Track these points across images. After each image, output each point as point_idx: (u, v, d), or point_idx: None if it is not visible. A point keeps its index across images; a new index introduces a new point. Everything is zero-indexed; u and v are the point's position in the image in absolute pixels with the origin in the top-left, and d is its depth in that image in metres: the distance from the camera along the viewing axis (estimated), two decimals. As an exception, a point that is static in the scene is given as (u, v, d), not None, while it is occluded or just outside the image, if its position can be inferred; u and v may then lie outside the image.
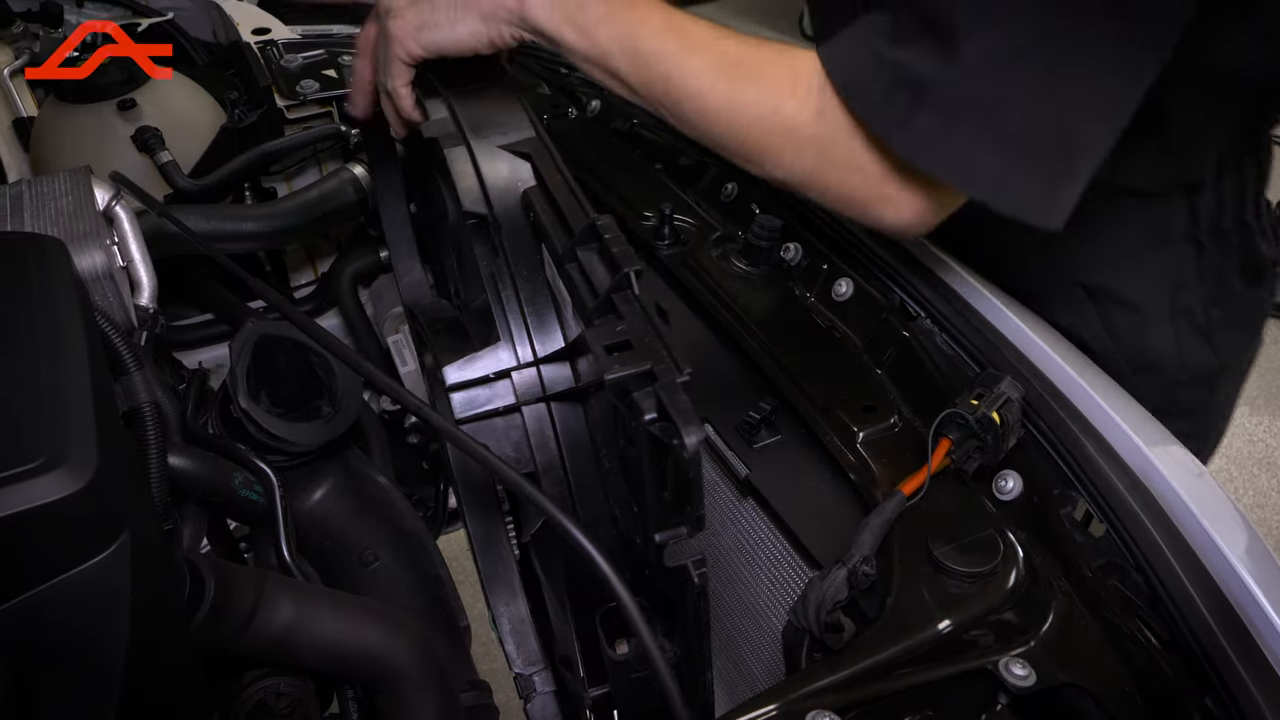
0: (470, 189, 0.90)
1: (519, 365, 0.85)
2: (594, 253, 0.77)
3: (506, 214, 0.87)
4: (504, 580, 1.02)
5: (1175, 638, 0.64)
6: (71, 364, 0.63)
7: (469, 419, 0.85)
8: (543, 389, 0.86)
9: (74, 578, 0.56)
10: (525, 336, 0.86)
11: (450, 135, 0.94)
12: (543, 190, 0.87)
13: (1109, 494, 0.71)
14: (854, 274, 0.95)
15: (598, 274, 0.75)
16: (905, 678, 0.62)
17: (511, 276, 0.86)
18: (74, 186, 1.01)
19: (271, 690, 0.83)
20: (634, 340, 0.67)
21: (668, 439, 0.62)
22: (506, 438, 0.87)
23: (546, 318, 0.86)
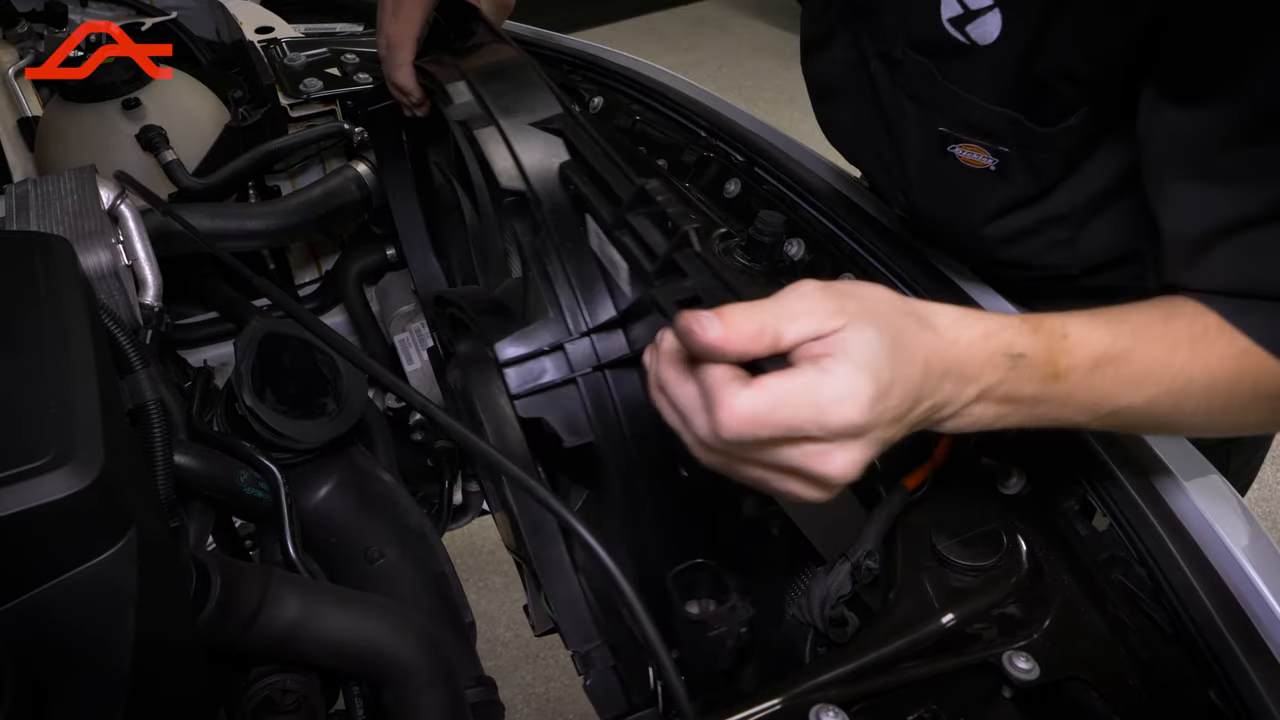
0: (506, 168, 0.90)
1: (572, 337, 0.86)
2: (645, 217, 0.77)
3: (545, 189, 0.87)
4: (555, 560, 1.01)
5: (1178, 630, 0.64)
6: (77, 362, 0.64)
7: (526, 393, 0.85)
8: (597, 358, 0.86)
9: (81, 575, 0.56)
10: (576, 307, 0.86)
11: (479, 116, 0.95)
12: (580, 163, 0.88)
13: (1112, 488, 0.71)
14: (857, 270, 0.95)
15: (653, 237, 0.75)
16: (909, 671, 0.62)
17: (556, 250, 0.86)
18: (79, 185, 1.01)
19: (277, 686, 0.84)
20: (703, 294, 0.67)
21: None
22: (562, 407, 0.87)
23: (595, 288, 0.86)
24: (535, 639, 2.47)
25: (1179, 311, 0.68)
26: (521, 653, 2.49)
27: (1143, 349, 0.66)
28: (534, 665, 2.48)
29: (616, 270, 0.84)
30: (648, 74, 1.35)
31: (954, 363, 0.60)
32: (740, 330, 0.55)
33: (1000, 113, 0.81)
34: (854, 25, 0.95)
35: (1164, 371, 0.66)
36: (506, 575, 2.62)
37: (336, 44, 1.56)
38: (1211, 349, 0.66)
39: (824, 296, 0.58)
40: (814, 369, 0.55)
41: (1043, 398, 0.64)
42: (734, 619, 0.73)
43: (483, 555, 2.69)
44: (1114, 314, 0.67)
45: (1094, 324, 0.65)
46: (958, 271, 0.91)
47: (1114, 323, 0.66)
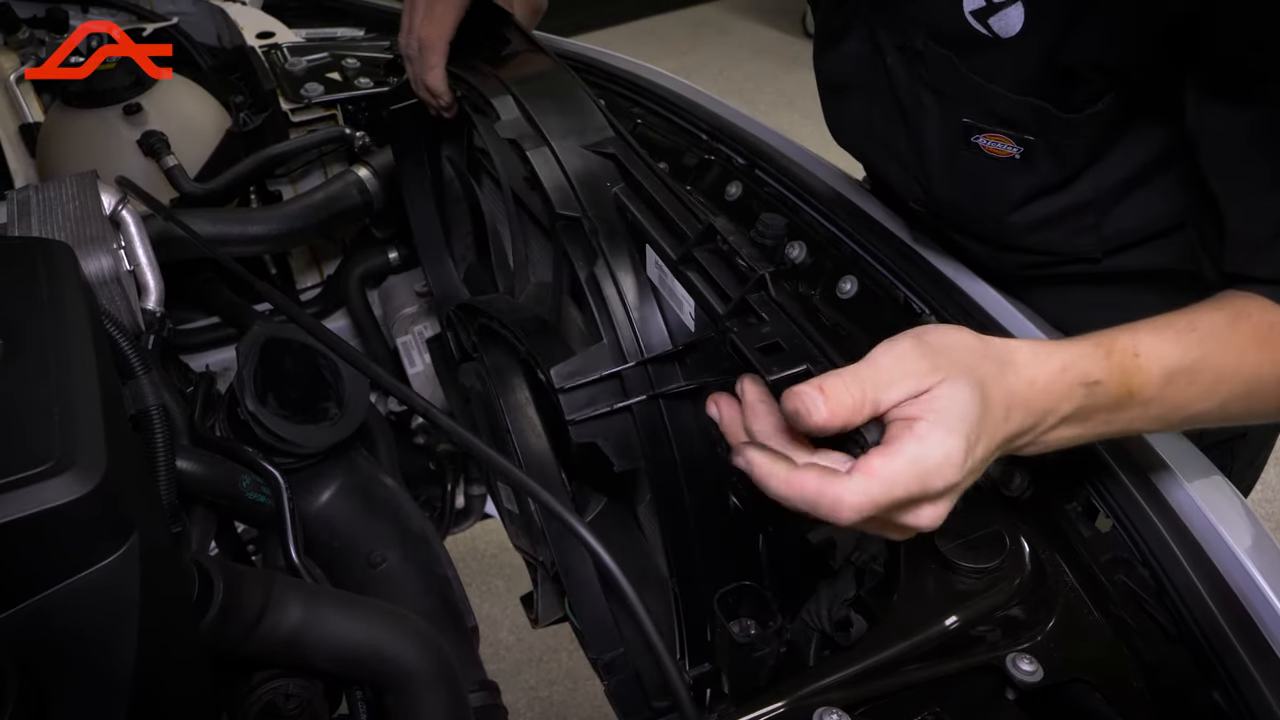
0: (561, 191, 0.90)
1: (628, 364, 0.87)
2: (714, 254, 0.78)
3: (601, 216, 0.88)
4: (579, 569, 1.02)
5: (1182, 632, 0.64)
6: (80, 367, 0.64)
7: (583, 421, 0.86)
8: (651, 386, 0.87)
9: (84, 580, 0.56)
10: (632, 335, 0.87)
11: (529, 136, 0.95)
12: (636, 190, 0.88)
13: (1115, 489, 0.71)
14: (858, 272, 0.95)
15: (724, 276, 0.76)
16: (913, 673, 0.62)
17: (614, 277, 0.87)
18: (81, 191, 1.02)
19: (280, 691, 0.83)
20: (783, 341, 0.69)
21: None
22: (616, 433, 0.89)
23: (651, 317, 0.87)
24: (538, 643, 2.48)
25: (1245, 311, 0.69)
26: (524, 656, 2.49)
27: (1214, 356, 0.67)
28: (537, 669, 2.47)
29: (679, 304, 0.85)
30: (648, 77, 1.35)
31: (1034, 401, 0.63)
32: (843, 404, 0.58)
33: (1025, 102, 0.82)
34: (871, 18, 0.95)
35: (1236, 376, 0.67)
36: (509, 579, 2.62)
37: (337, 49, 1.56)
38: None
39: (919, 356, 0.61)
40: (912, 439, 0.58)
41: (1118, 417, 0.66)
42: (778, 641, 0.75)
43: (485, 559, 2.69)
44: (1183, 323, 0.68)
45: (1163, 337, 0.67)
46: (958, 273, 0.91)
47: (1184, 332, 0.67)
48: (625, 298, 0.87)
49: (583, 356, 0.88)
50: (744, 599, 0.80)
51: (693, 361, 0.87)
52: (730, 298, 0.76)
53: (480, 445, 0.67)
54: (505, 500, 1.19)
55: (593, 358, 0.88)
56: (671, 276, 0.83)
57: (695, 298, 0.80)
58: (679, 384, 0.87)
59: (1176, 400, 0.66)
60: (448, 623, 1.06)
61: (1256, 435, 1.11)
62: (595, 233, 0.88)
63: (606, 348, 0.88)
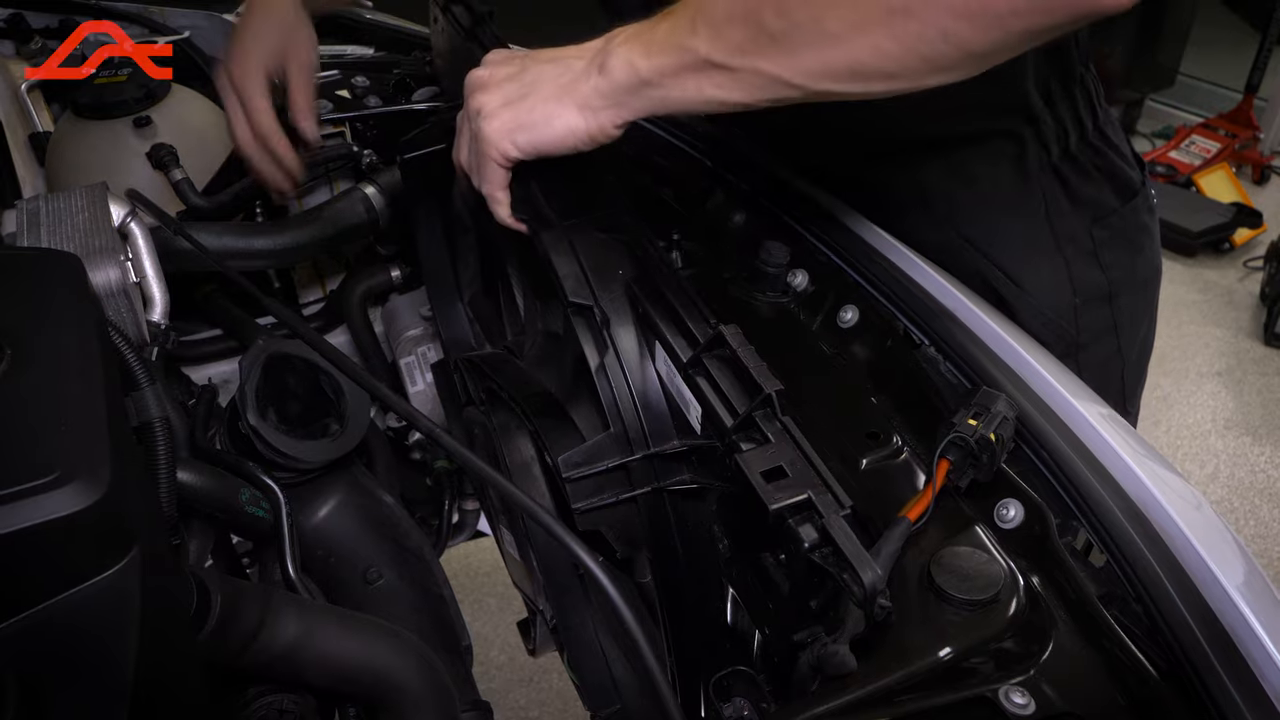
0: (572, 275, 0.91)
1: (634, 456, 0.88)
2: (722, 363, 0.81)
3: (613, 306, 0.90)
4: (579, 624, 1.05)
5: (1173, 668, 0.64)
6: (85, 379, 0.64)
7: (589, 510, 0.89)
8: (657, 478, 0.89)
9: (84, 592, 0.56)
10: (639, 426, 0.88)
11: (543, 219, 0.96)
12: (649, 285, 0.90)
13: (1109, 524, 0.71)
14: (859, 302, 0.96)
15: (732, 388, 0.79)
16: (906, 704, 0.62)
17: (624, 371, 0.89)
18: (90, 203, 1.02)
19: (275, 706, 0.84)
20: (787, 466, 0.72)
21: (831, 568, 0.67)
22: (620, 521, 0.91)
23: (659, 412, 0.89)
24: (529, 663, 2.47)
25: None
26: (515, 676, 2.49)
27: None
28: (528, 689, 2.47)
29: (686, 405, 0.87)
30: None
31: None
32: None
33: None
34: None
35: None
36: (501, 597, 2.62)
37: (347, 66, 1.58)
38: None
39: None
40: None
41: (696, 41, 0.79)
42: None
43: (479, 577, 2.69)
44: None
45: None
46: (957, 306, 0.92)
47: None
48: (634, 391, 0.89)
49: (590, 446, 0.89)
50: (738, 683, 0.83)
51: (697, 459, 0.89)
52: (737, 411, 0.78)
53: (481, 465, 0.67)
54: (508, 545, 1.20)
55: (600, 447, 0.89)
56: (679, 378, 0.85)
57: (702, 405, 0.82)
58: (684, 480, 0.89)
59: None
60: (442, 641, 1.06)
61: (1133, 285, 1.16)
62: (606, 323, 0.90)
63: (613, 437, 0.89)
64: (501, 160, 0.92)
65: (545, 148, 0.90)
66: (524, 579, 1.22)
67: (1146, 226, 1.17)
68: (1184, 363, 3.66)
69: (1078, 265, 1.11)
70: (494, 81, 0.92)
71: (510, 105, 0.90)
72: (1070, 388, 0.82)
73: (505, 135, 0.90)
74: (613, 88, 0.85)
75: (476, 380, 1.10)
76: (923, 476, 0.80)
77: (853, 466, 0.80)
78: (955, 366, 0.87)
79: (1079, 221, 1.11)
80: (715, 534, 0.91)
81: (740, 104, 0.83)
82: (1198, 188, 4.52)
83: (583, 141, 0.89)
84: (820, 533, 0.70)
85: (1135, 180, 1.16)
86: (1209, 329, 3.86)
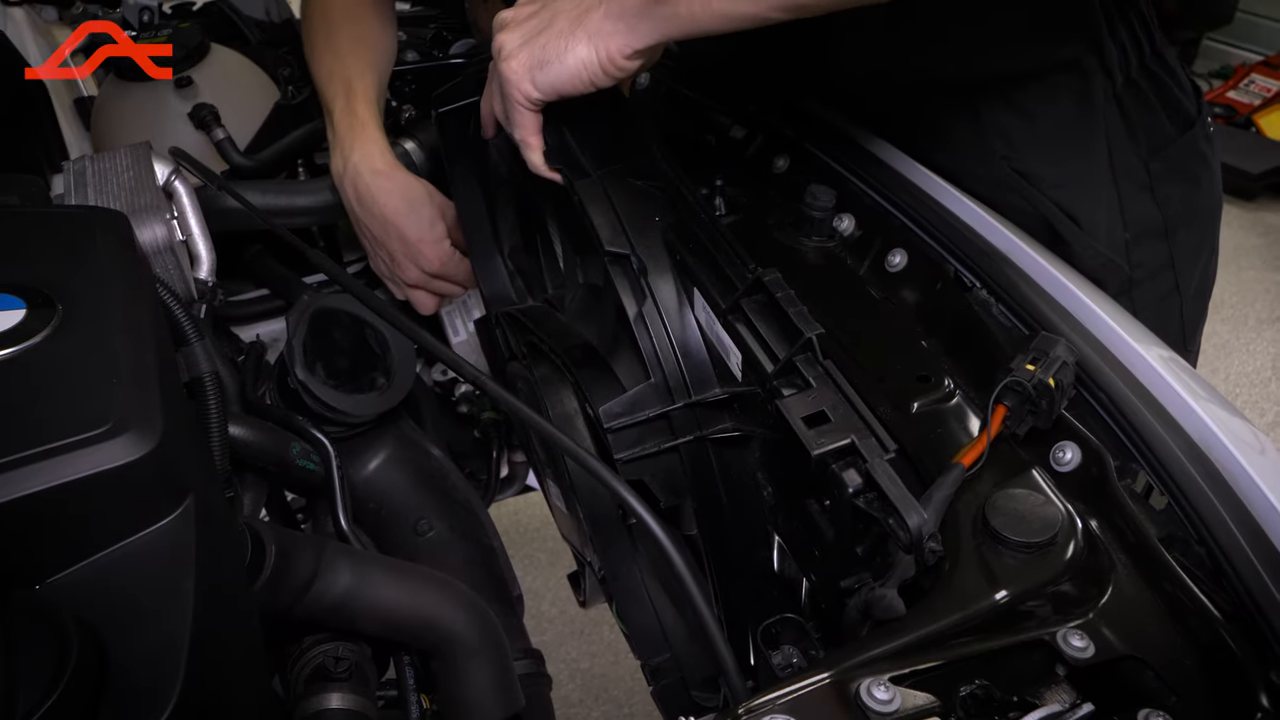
0: (608, 224, 0.90)
1: (675, 404, 0.88)
2: (761, 308, 0.80)
3: (650, 254, 0.89)
4: (627, 576, 1.05)
5: (1239, 610, 0.63)
6: (136, 333, 0.65)
7: (631, 460, 0.88)
8: (699, 427, 0.88)
9: (141, 541, 0.57)
10: (680, 375, 0.88)
11: (578, 167, 0.94)
12: (687, 232, 0.89)
13: (1171, 466, 0.69)
14: (908, 245, 0.94)
15: (772, 333, 0.78)
16: (961, 648, 0.61)
17: (663, 320, 0.88)
18: (135, 162, 1.03)
19: (330, 654, 0.85)
20: (829, 411, 0.72)
21: (876, 513, 0.67)
22: (664, 471, 0.91)
23: (700, 359, 0.89)
24: (580, 615, 2.50)
25: None
26: (567, 629, 2.52)
27: None
28: (579, 641, 2.50)
29: (726, 351, 0.86)
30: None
31: None
32: None
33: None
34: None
35: None
36: (552, 552, 2.64)
37: (385, 21, 1.56)
38: None
39: None
40: None
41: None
42: None
43: (529, 532, 2.71)
44: None
45: None
46: (1010, 247, 0.90)
47: None
48: (673, 339, 0.88)
49: (631, 396, 0.88)
50: (786, 630, 0.83)
51: (739, 407, 0.88)
52: (777, 356, 0.77)
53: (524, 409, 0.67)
54: (555, 498, 1.21)
55: (641, 397, 0.88)
56: (719, 324, 0.84)
57: (742, 351, 0.81)
58: (727, 427, 0.88)
59: None
60: (492, 591, 1.07)
61: (1191, 218, 1.13)
62: (644, 271, 0.88)
63: (654, 387, 0.88)
64: (524, 101, 0.90)
65: (561, 85, 0.88)
66: (571, 531, 1.22)
67: (1205, 157, 1.14)
68: (1243, 309, 3.57)
69: (1131, 200, 1.08)
70: (516, 21, 0.90)
71: (528, 43, 0.88)
72: (1128, 329, 0.80)
73: (524, 74, 0.88)
74: (621, 10, 0.83)
75: (518, 334, 1.10)
76: (977, 422, 0.79)
77: (904, 410, 0.79)
78: (1008, 309, 0.85)
79: (1136, 155, 1.07)
80: (759, 482, 0.90)
81: (750, 15, 0.79)
82: (1258, 128, 4.38)
83: (596, 75, 0.86)
84: (865, 477, 0.69)
85: (1192, 109, 1.12)
86: (1269, 274, 3.76)
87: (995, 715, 0.60)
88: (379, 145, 1.22)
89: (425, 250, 1.26)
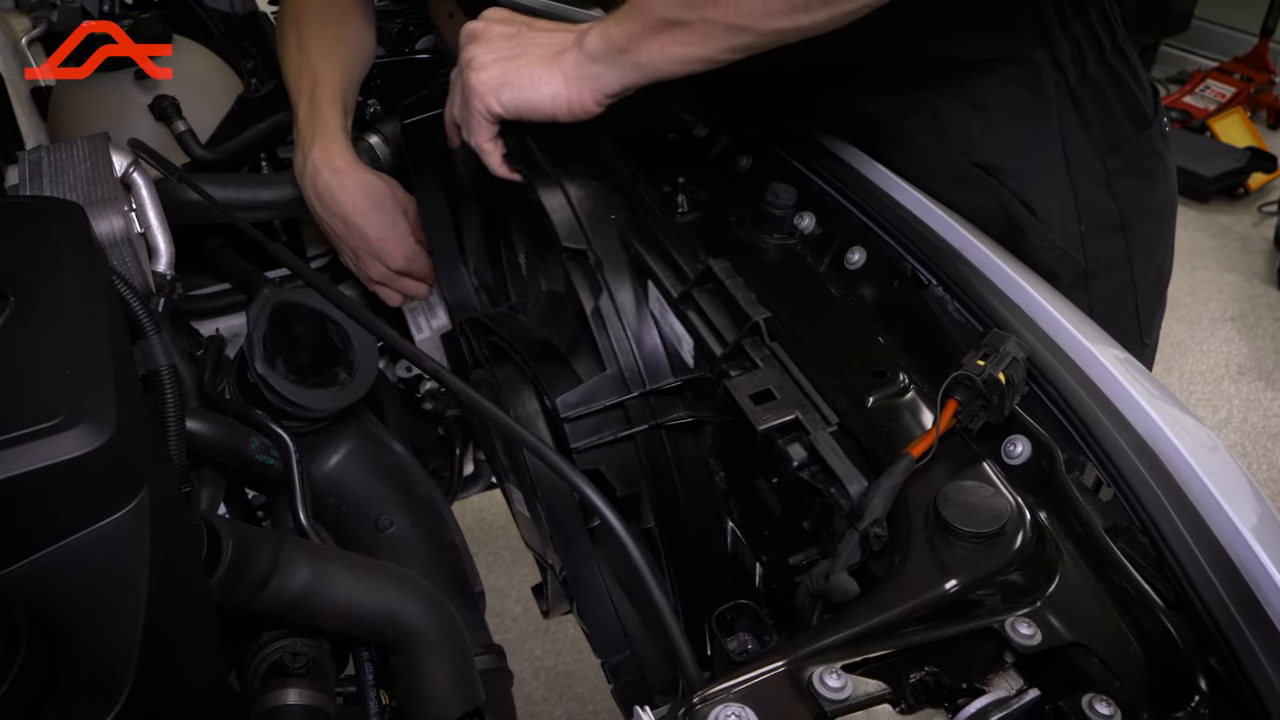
0: (565, 221, 0.93)
1: (631, 394, 0.90)
2: (711, 296, 0.82)
3: (606, 249, 0.91)
4: (588, 574, 1.07)
5: (1180, 599, 0.64)
6: (90, 326, 0.64)
7: (587, 449, 0.90)
8: (653, 415, 0.91)
9: (93, 534, 0.57)
10: (635, 365, 0.91)
11: (537, 168, 0.97)
12: (640, 226, 0.92)
13: (1116, 459, 0.71)
14: (867, 243, 0.95)
15: (721, 320, 0.81)
16: (912, 636, 0.62)
17: (618, 312, 0.90)
18: (92, 153, 1.02)
19: (288, 650, 0.85)
20: (775, 389, 0.74)
21: (819, 484, 0.69)
22: (619, 460, 0.93)
23: (654, 350, 0.91)
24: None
25: None
26: (531, 627, 2.51)
27: None
28: (544, 639, 2.50)
29: (679, 340, 0.89)
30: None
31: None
32: None
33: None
34: None
35: None
36: (516, 550, 2.63)
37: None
38: None
39: None
40: None
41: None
42: None
43: (493, 530, 2.71)
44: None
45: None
46: (965, 245, 0.91)
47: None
48: (629, 331, 0.91)
49: (587, 386, 0.91)
50: (740, 617, 0.85)
51: (692, 394, 0.91)
52: (726, 341, 0.79)
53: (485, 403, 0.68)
54: (517, 503, 1.22)
55: (597, 387, 0.91)
56: (672, 314, 0.87)
57: (693, 338, 0.84)
58: (680, 415, 0.90)
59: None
60: (454, 587, 1.07)
61: (1146, 214, 1.15)
62: (600, 266, 0.91)
63: (610, 378, 0.91)
64: (486, 114, 0.94)
65: (527, 110, 0.92)
66: (533, 536, 1.23)
67: (1161, 155, 1.15)
68: (1197, 308, 3.63)
69: (1086, 193, 1.10)
70: (488, 37, 0.95)
71: (501, 61, 0.92)
72: (1080, 326, 0.81)
73: (491, 90, 0.92)
74: (591, 58, 0.89)
75: (480, 337, 1.11)
76: (931, 416, 0.80)
77: (860, 404, 0.80)
78: (964, 306, 0.87)
79: (1093, 149, 1.09)
80: (712, 468, 0.92)
81: (704, 59, 0.85)
82: (1212, 132, 4.45)
83: (562, 110, 0.92)
84: (809, 450, 0.71)
85: (1149, 109, 1.14)
86: (1223, 274, 3.82)
87: (944, 702, 0.61)
88: (339, 143, 1.22)
89: (388, 248, 1.26)
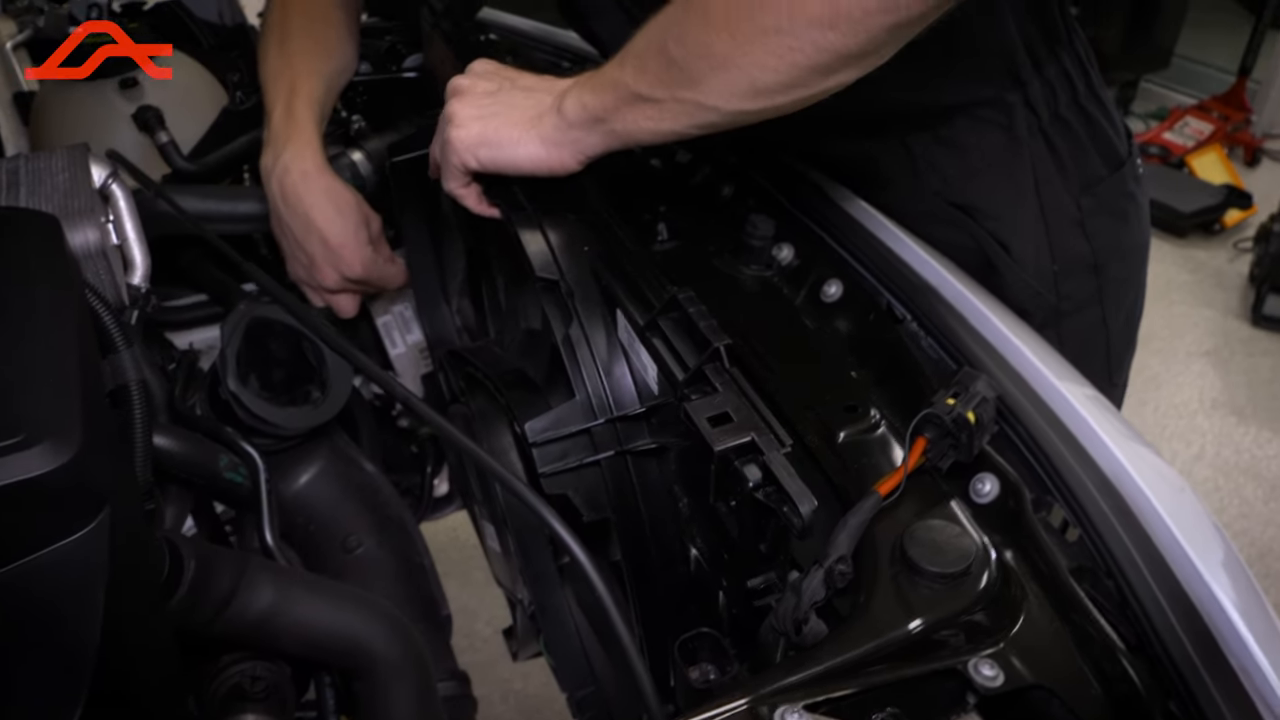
0: (540, 253, 0.95)
1: (598, 421, 0.93)
2: (676, 324, 0.85)
3: (577, 280, 0.94)
4: (555, 607, 1.09)
5: (1142, 642, 0.64)
6: (58, 340, 0.64)
7: (554, 474, 0.92)
8: (619, 442, 0.93)
9: (50, 555, 0.56)
10: (603, 393, 0.93)
11: (515, 203, 1.00)
12: (610, 257, 0.95)
13: (1083, 500, 0.71)
14: (844, 276, 0.95)
15: (685, 346, 0.83)
16: (875, 676, 0.62)
17: (588, 340, 0.93)
18: (71, 163, 1.01)
19: (247, 674, 0.84)
20: (732, 412, 0.76)
21: (773, 504, 0.71)
22: (585, 485, 0.95)
23: (621, 378, 0.94)
24: (515, 634, 2.47)
25: None
26: (501, 649, 2.47)
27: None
28: (513, 663, 2.47)
29: (644, 368, 0.91)
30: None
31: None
32: None
33: None
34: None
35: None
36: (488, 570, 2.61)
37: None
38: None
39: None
40: None
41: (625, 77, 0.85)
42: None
43: (466, 549, 2.69)
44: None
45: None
46: (942, 283, 0.92)
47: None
48: (597, 359, 0.93)
49: (556, 412, 0.93)
50: (703, 646, 0.86)
51: (657, 421, 0.93)
52: (689, 367, 0.81)
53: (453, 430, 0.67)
54: (489, 539, 1.22)
55: (565, 414, 0.93)
56: (639, 342, 0.89)
57: (658, 364, 0.86)
58: (645, 441, 0.92)
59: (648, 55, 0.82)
60: (420, 610, 1.06)
61: (1119, 255, 1.17)
62: (571, 295, 0.93)
63: (579, 405, 0.93)
64: (462, 169, 0.97)
65: (506, 167, 0.95)
66: (504, 570, 1.24)
67: (1134, 196, 1.17)
68: (1172, 342, 3.67)
69: (1060, 234, 1.11)
70: (471, 93, 0.97)
71: (480, 120, 0.95)
72: (1051, 365, 0.82)
73: (469, 148, 0.95)
74: (569, 125, 0.91)
75: (457, 369, 1.12)
76: (900, 452, 0.80)
77: (830, 440, 0.80)
78: (937, 342, 0.87)
79: (1066, 190, 1.10)
80: (675, 493, 0.94)
81: (674, 133, 0.88)
82: (1190, 169, 4.51)
83: (542, 170, 0.94)
84: (764, 471, 0.72)
85: (1123, 150, 1.15)
86: (1198, 309, 3.86)
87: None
88: (312, 147, 1.23)
89: (346, 255, 1.26)
